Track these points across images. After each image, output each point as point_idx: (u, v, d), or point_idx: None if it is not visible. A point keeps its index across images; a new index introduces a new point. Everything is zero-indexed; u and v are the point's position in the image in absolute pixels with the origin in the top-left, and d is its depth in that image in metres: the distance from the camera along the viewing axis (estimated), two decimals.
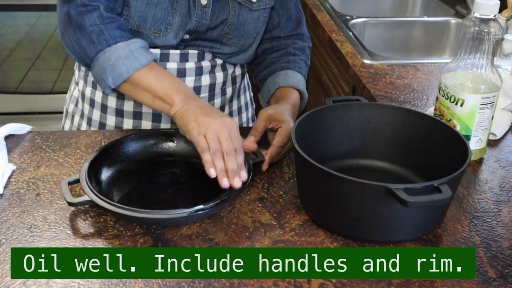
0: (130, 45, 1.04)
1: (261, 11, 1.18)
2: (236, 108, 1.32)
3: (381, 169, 1.01)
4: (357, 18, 1.99)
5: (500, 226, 0.90)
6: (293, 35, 1.27)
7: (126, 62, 1.02)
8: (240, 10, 1.15)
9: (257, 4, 1.16)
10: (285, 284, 0.77)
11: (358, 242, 0.86)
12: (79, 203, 0.88)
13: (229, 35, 1.17)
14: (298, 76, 1.21)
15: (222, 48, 1.19)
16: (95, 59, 1.04)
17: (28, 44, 2.93)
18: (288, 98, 1.14)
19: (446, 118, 1.05)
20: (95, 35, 1.03)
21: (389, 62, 1.56)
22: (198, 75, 1.19)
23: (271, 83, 1.21)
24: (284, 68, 1.21)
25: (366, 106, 1.01)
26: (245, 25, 1.17)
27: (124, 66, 1.02)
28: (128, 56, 1.03)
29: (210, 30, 1.15)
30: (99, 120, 1.22)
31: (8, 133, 1.10)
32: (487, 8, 0.98)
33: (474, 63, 1.02)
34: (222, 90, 1.25)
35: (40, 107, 2.96)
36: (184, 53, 1.17)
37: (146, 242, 0.85)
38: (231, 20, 1.15)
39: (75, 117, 1.28)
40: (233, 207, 0.93)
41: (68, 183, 0.91)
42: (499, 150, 1.13)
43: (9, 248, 0.82)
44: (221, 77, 1.23)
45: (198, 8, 1.11)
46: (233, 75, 1.26)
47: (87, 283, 0.76)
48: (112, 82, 1.04)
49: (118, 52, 1.03)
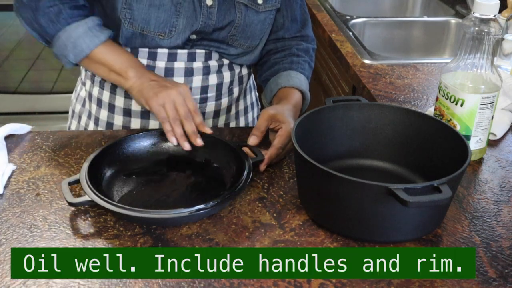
0: (88, 23, 1.10)
1: (267, 13, 1.19)
2: (242, 108, 1.33)
3: (381, 169, 1.01)
4: (357, 18, 1.99)
5: (500, 226, 0.90)
6: (297, 36, 1.27)
7: (86, 39, 1.09)
8: (246, 12, 1.16)
9: (263, 6, 1.17)
10: (285, 284, 0.77)
11: (358, 242, 0.86)
12: (80, 203, 0.88)
13: (236, 37, 1.18)
14: (301, 77, 1.21)
15: (228, 49, 1.20)
16: (55, 37, 1.10)
17: (28, 44, 2.93)
18: (290, 98, 1.15)
19: (446, 118, 1.05)
20: (54, 14, 1.09)
21: (389, 62, 1.56)
22: (205, 74, 1.20)
23: (274, 83, 1.21)
24: (287, 69, 1.22)
25: (366, 106, 1.01)
26: (251, 26, 1.17)
27: (85, 43, 1.09)
28: (88, 34, 1.09)
29: (217, 31, 1.16)
30: (106, 120, 1.23)
31: (8, 133, 1.10)
32: (487, 8, 0.98)
33: (474, 63, 1.02)
34: (229, 89, 1.26)
35: (40, 107, 2.96)
36: (192, 52, 1.18)
37: (146, 242, 0.85)
38: (238, 22, 1.15)
39: (82, 117, 1.29)
40: (233, 207, 0.93)
41: (68, 183, 0.91)
42: (499, 150, 1.13)
43: (9, 248, 0.82)
44: (228, 76, 1.24)
45: (203, 9, 1.12)
46: (240, 75, 1.27)
47: (87, 283, 0.76)
48: (73, 58, 1.11)
49: (77, 30, 1.09)
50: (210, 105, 1.24)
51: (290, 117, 1.06)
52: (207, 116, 1.25)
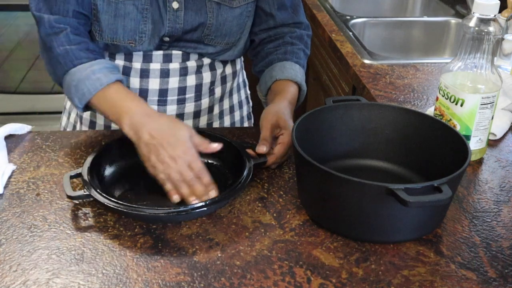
0: (93, 66, 1.04)
1: (243, 7, 1.16)
2: (227, 107, 1.31)
3: (381, 169, 1.01)
4: (357, 18, 1.99)
5: (500, 226, 0.90)
6: (290, 23, 1.23)
7: (87, 83, 1.02)
8: (219, 10, 1.13)
9: (238, 1, 1.14)
10: (285, 284, 0.77)
11: (358, 242, 0.86)
12: (78, 196, 0.89)
13: (210, 36, 1.15)
14: (296, 67, 1.17)
15: (206, 48, 1.18)
16: (63, 79, 1.06)
17: (28, 44, 2.93)
18: (285, 92, 1.12)
19: (446, 118, 1.05)
20: (61, 57, 1.05)
21: (389, 62, 1.56)
22: (182, 75, 1.19)
23: (268, 76, 1.18)
24: (281, 60, 1.18)
25: (366, 106, 1.01)
26: (225, 24, 1.15)
27: (86, 87, 1.02)
28: (90, 77, 1.02)
29: (188, 33, 1.13)
30: (89, 118, 1.24)
31: (8, 133, 1.10)
32: (487, 8, 0.98)
33: (474, 63, 1.02)
34: (210, 90, 1.24)
35: (40, 107, 2.96)
36: (168, 53, 1.16)
37: (146, 242, 0.85)
38: (210, 22, 1.13)
39: (71, 114, 1.30)
40: (233, 207, 0.93)
41: (70, 176, 0.93)
42: (499, 150, 1.13)
43: (9, 248, 0.82)
44: (208, 77, 1.22)
45: (169, 13, 1.10)
46: (223, 75, 1.25)
47: (87, 283, 0.76)
48: (78, 102, 1.04)
49: (80, 73, 1.03)
50: (189, 106, 1.22)
51: (290, 119, 1.05)
52: (186, 117, 1.23)
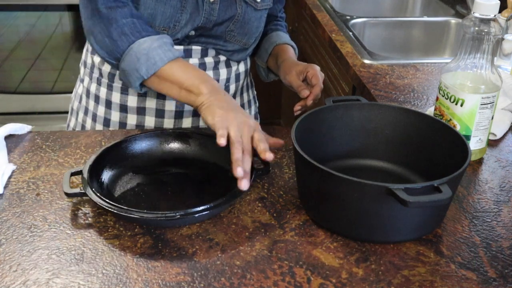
0: (163, 38, 1.07)
1: (263, 11, 1.23)
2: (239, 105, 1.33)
3: (381, 169, 1.01)
4: (357, 18, 1.99)
5: (500, 226, 0.90)
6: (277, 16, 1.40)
7: (160, 51, 1.05)
8: (246, 8, 1.18)
9: (261, 4, 1.21)
10: (285, 284, 0.77)
11: (358, 242, 0.86)
12: (74, 194, 0.89)
13: (234, 32, 1.20)
14: (287, 36, 1.36)
15: (225, 45, 1.22)
16: (126, 51, 1.06)
17: (28, 44, 2.92)
18: (287, 51, 1.29)
19: (446, 118, 1.05)
20: (128, 27, 1.06)
21: (389, 62, 1.56)
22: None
23: (267, 42, 1.33)
24: (274, 30, 1.35)
25: (366, 106, 1.01)
26: (249, 23, 1.20)
27: (158, 56, 1.05)
28: (162, 47, 1.06)
29: (217, 26, 1.17)
30: (103, 116, 1.24)
31: (8, 133, 1.10)
32: (487, 8, 0.98)
33: (474, 63, 1.02)
34: (226, 86, 1.27)
35: (40, 107, 2.96)
36: (188, 49, 1.19)
37: (146, 242, 0.85)
38: (237, 18, 1.18)
39: (79, 113, 1.30)
40: (233, 207, 0.93)
41: (71, 174, 0.93)
42: (499, 150, 1.13)
43: (9, 248, 0.82)
44: (224, 73, 1.25)
45: (206, 5, 1.14)
46: (237, 72, 1.29)
47: (87, 283, 0.76)
48: (145, 72, 1.05)
49: (151, 43, 1.05)
50: None
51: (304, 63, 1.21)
52: None
